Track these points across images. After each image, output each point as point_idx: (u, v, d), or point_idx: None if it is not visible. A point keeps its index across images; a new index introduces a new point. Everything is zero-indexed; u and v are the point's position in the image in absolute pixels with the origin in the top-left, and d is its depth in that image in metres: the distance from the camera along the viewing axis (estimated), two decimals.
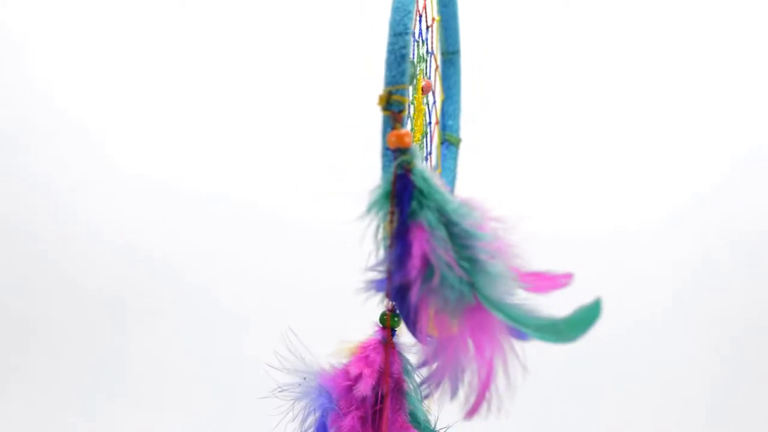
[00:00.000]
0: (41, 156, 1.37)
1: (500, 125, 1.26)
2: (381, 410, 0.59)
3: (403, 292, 0.46)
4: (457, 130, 0.81)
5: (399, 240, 0.45)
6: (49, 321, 1.32)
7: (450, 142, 0.82)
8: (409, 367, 0.60)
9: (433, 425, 0.61)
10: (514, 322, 0.43)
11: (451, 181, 0.79)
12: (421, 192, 0.44)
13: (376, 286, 0.48)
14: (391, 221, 0.45)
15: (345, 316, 0.76)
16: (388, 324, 0.61)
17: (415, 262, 0.43)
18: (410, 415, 0.60)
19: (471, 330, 0.44)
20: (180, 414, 1.25)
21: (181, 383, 1.28)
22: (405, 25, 0.46)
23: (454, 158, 0.80)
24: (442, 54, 0.80)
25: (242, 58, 1.38)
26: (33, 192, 1.36)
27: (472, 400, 0.44)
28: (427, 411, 0.61)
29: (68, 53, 1.40)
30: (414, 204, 0.44)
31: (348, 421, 0.58)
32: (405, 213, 0.44)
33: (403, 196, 0.44)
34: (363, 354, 0.59)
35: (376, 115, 0.77)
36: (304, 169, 1.31)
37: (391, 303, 0.61)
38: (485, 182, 0.71)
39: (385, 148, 0.46)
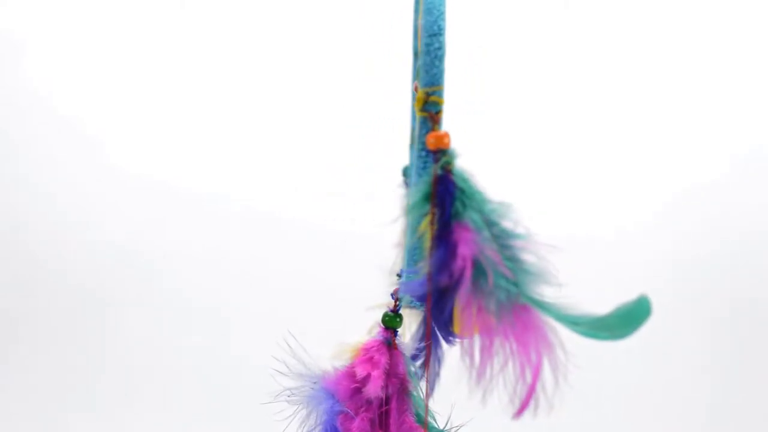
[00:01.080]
0: (39, 155, 1.36)
1: (497, 125, 1.27)
2: (387, 412, 0.59)
3: (443, 294, 0.46)
4: None
5: (441, 242, 0.44)
6: (48, 322, 1.32)
7: None
8: (413, 367, 0.60)
9: (438, 425, 0.61)
10: (562, 321, 0.43)
11: None
12: (463, 192, 0.44)
13: (412, 288, 0.48)
14: (432, 223, 0.45)
15: (344, 317, 0.76)
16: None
17: (461, 263, 0.43)
18: (416, 415, 0.61)
19: (517, 329, 0.44)
20: (179, 415, 1.24)
21: (180, 385, 1.27)
22: (439, 26, 0.46)
23: None
24: (415, 54, 0.80)
25: (241, 57, 1.38)
26: (31, 192, 1.35)
27: (521, 399, 0.44)
28: (433, 411, 0.61)
29: (66, 53, 1.39)
30: (457, 204, 0.44)
31: (358, 424, 0.58)
32: (447, 214, 0.44)
33: (445, 198, 0.44)
34: (367, 355, 0.59)
35: (376, 116, 0.77)
36: (304, 170, 1.31)
37: (397, 303, 0.61)
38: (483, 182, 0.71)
39: (422, 150, 0.46)
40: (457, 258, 0.44)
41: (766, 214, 1.29)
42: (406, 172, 0.82)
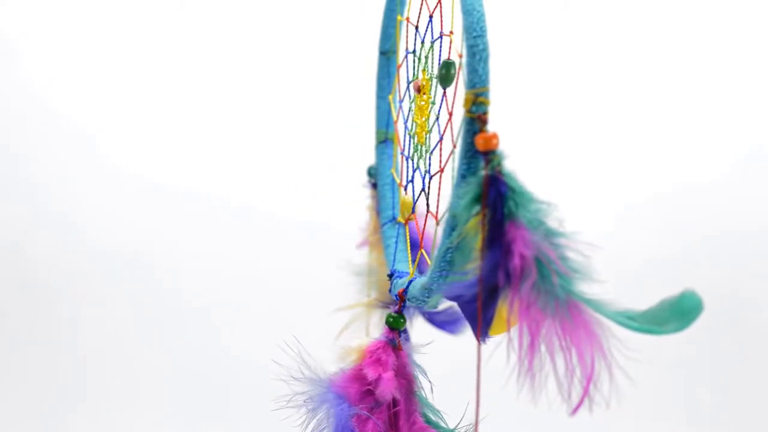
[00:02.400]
0: (34, 154, 1.37)
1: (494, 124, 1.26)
2: (397, 413, 0.59)
3: (490, 294, 0.46)
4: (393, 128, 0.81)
5: (495, 242, 0.45)
6: (47, 322, 1.32)
7: (389, 139, 0.82)
8: (418, 368, 0.60)
9: (445, 425, 0.61)
10: (614, 317, 0.45)
11: (392, 179, 0.80)
12: (514, 192, 0.45)
13: (456, 290, 0.48)
14: (483, 224, 0.45)
15: (343, 318, 0.76)
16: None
17: (518, 262, 0.44)
18: (423, 416, 0.61)
19: (573, 326, 0.45)
20: (178, 415, 1.26)
21: (180, 387, 1.28)
22: (482, 27, 0.46)
23: (390, 156, 0.81)
24: (382, 54, 0.80)
25: (239, 58, 1.38)
26: (26, 192, 1.36)
27: (577, 396, 0.45)
28: (440, 411, 0.62)
29: (62, 53, 1.39)
30: (511, 204, 0.44)
31: (372, 426, 0.58)
32: (500, 214, 0.45)
33: (497, 198, 0.45)
34: (373, 357, 0.59)
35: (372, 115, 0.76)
36: (304, 170, 1.28)
37: (402, 303, 0.61)
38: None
39: (467, 152, 0.46)
40: (514, 257, 0.44)
41: (757, 214, 1.33)
42: (371, 172, 0.82)
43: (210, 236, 1.35)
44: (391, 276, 0.67)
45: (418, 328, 0.71)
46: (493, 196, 0.44)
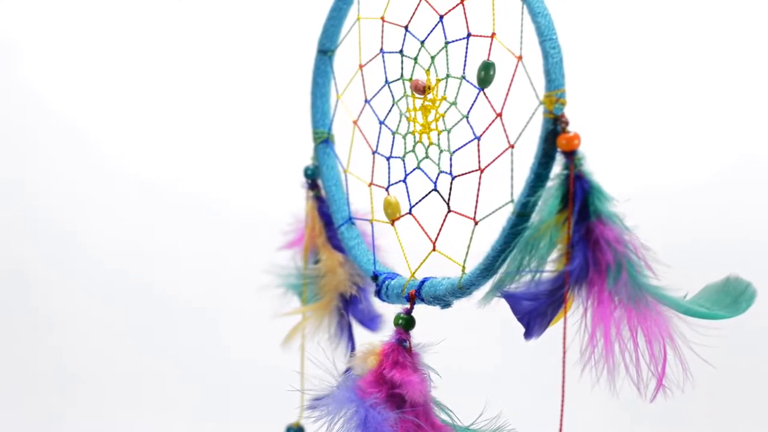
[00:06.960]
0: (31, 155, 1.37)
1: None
2: (417, 414, 0.59)
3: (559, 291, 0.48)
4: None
5: (583, 239, 0.46)
6: (47, 322, 1.32)
7: (330, 140, 0.81)
8: (428, 368, 0.61)
9: (460, 423, 0.62)
10: (686, 306, 0.48)
11: (338, 179, 0.79)
12: (595, 189, 0.46)
13: (533, 289, 0.48)
14: (569, 222, 0.46)
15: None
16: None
17: (611, 257, 0.46)
18: (436, 415, 0.61)
19: (648, 315, 0.47)
20: (176, 416, 1.27)
21: (181, 388, 1.29)
22: (553, 28, 0.47)
23: (335, 156, 0.80)
24: (321, 52, 0.79)
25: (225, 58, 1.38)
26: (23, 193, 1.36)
27: (653, 384, 0.47)
28: (451, 410, 0.62)
29: (61, 53, 1.39)
30: (596, 202, 0.46)
31: (403, 427, 0.57)
32: (588, 212, 0.46)
33: (584, 197, 0.46)
34: (391, 360, 0.59)
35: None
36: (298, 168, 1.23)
37: (413, 304, 0.60)
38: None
39: (546, 152, 0.47)
40: (606, 252, 0.46)
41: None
42: (308, 173, 0.80)
43: (209, 236, 1.35)
44: (375, 278, 0.67)
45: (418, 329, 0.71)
46: (581, 194, 0.46)
